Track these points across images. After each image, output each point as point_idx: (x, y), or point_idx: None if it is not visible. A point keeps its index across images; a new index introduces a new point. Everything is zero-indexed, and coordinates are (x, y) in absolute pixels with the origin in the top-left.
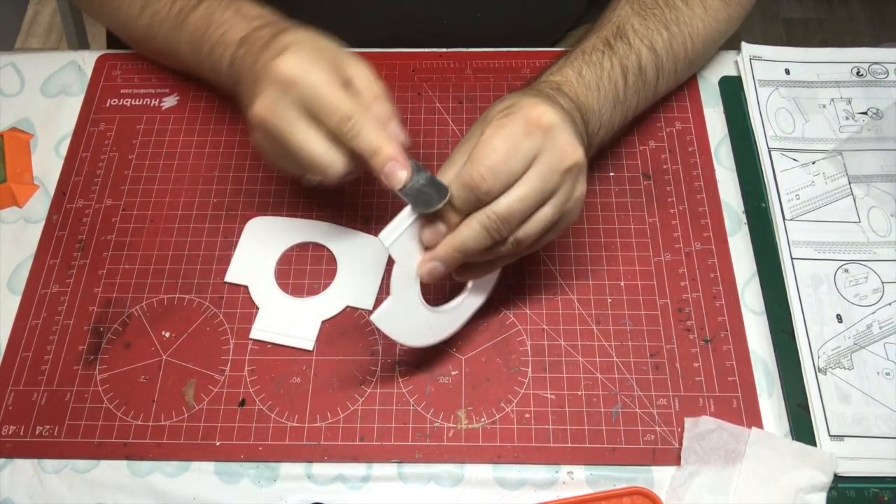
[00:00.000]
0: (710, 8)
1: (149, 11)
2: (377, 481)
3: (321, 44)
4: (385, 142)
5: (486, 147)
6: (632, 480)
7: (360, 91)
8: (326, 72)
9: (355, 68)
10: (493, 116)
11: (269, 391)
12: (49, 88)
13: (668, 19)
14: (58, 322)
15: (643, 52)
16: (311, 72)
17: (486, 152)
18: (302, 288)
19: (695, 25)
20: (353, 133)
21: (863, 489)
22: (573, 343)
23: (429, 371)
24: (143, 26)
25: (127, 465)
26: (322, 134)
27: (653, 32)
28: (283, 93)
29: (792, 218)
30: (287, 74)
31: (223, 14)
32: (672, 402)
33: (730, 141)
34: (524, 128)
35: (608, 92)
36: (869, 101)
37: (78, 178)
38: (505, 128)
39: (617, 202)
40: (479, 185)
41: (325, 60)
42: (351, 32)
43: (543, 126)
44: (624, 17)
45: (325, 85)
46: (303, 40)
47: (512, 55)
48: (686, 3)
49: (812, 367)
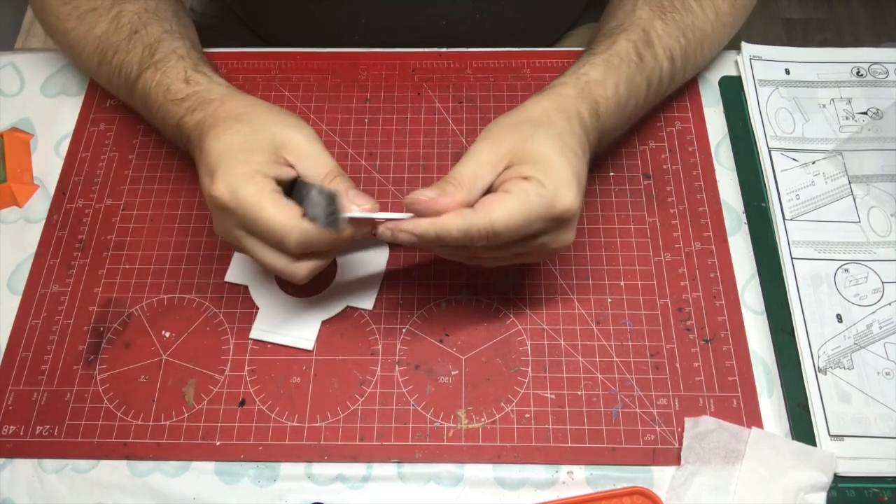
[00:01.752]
0: (721, 12)
1: (104, 70)
2: (377, 481)
3: (249, 143)
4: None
5: (503, 209)
6: (632, 480)
7: (305, 173)
8: (256, 186)
9: (294, 146)
10: (526, 163)
11: (269, 391)
12: (49, 88)
13: (685, 25)
14: (58, 322)
15: (664, 64)
16: (240, 195)
17: (500, 215)
18: (302, 288)
19: (706, 31)
20: (293, 248)
21: (863, 489)
22: (573, 343)
23: (429, 371)
24: (102, 81)
25: (127, 465)
26: None
27: (672, 40)
28: (225, 217)
29: (792, 218)
30: (220, 201)
31: (157, 96)
32: (672, 401)
33: (730, 141)
34: (547, 212)
35: (630, 109)
36: (869, 101)
37: (78, 178)
38: (530, 200)
39: (617, 202)
40: (479, 240)
41: (255, 167)
42: (352, 32)
43: (563, 219)
44: (647, 21)
45: (254, 206)
46: (228, 153)
47: (512, 55)
48: (700, 7)
49: (812, 366)
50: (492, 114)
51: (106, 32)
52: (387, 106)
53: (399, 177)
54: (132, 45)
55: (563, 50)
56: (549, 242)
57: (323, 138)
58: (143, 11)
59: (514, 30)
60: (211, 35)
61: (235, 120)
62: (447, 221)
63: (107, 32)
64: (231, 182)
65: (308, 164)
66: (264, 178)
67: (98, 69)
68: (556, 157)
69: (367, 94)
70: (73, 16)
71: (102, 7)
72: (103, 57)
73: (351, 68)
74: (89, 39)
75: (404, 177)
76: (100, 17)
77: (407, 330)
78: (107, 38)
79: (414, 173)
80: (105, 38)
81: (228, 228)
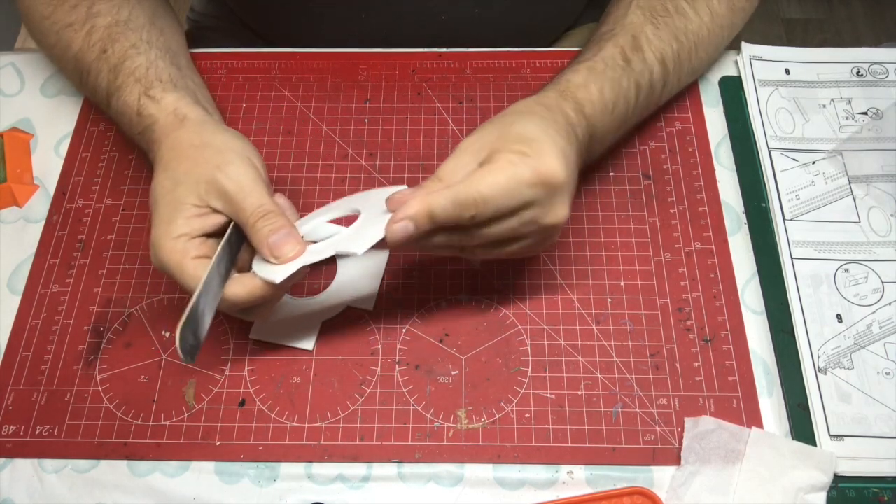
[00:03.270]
0: (717, 15)
1: (85, 90)
2: (377, 481)
3: (171, 199)
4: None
5: (490, 177)
6: (632, 480)
7: (234, 216)
8: (177, 253)
9: (221, 187)
10: (510, 142)
11: (269, 391)
12: (49, 88)
13: (678, 28)
14: (58, 322)
15: (655, 67)
16: (163, 261)
17: (487, 182)
18: (302, 288)
19: (701, 35)
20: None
21: (863, 489)
22: (573, 343)
23: (429, 371)
24: (86, 94)
25: (127, 465)
26: None
27: (664, 44)
28: (157, 264)
29: (792, 218)
30: (152, 248)
31: (122, 125)
32: (672, 401)
33: (730, 141)
34: (533, 177)
35: (620, 113)
36: (869, 101)
37: (78, 178)
38: (515, 167)
39: (617, 202)
40: (468, 209)
41: (178, 229)
42: (352, 28)
43: (551, 184)
44: (638, 26)
45: (177, 272)
46: (155, 208)
47: (512, 55)
48: (695, 10)
49: (812, 366)
50: (492, 114)
51: (81, 50)
52: (387, 106)
53: (399, 177)
54: (100, 67)
55: (563, 50)
56: (542, 216)
57: (323, 138)
58: (114, 24)
59: (514, 28)
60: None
61: (163, 169)
62: (436, 195)
63: (81, 50)
64: (155, 244)
65: (233, 207)
66: (188, 240)
67: (81, 87)
68: (539, 133)
69: (367, 94)
70: (53, 31)
71: (77, 22)
72: (81, 77)
73: (351, 68)
74: (68, 57)
75: (404, 177)
76: (75, 34)
77: (407, 330)
78: (82, 57)
79: (414, 173)
80: (80, 56)
81: (167, 273)
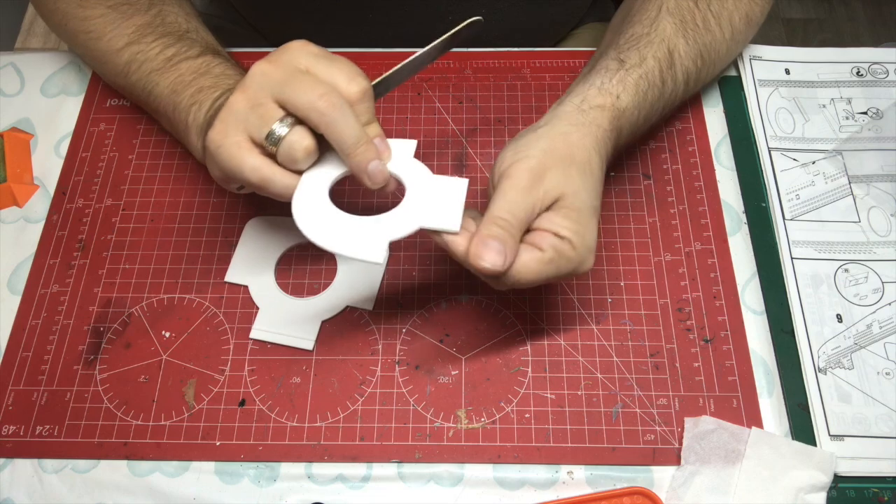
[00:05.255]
0: (736, 31)
1: (132, 49)
2: (377, 481)
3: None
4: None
5: (532, 268)
6: (632, 480)
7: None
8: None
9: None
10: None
11: (269, 391)
12: (49, 88)
13: (704, 45)
14: (58, 322)
15: (680, 88)
16: (224, 143)
17: (528, 274)
18: (302, 288)
19: (720, 52)
20: None
21: (863, 489)
22: (573, 343)
23: (429, 371)
24: (121, 62)
25: (127, 465)
26: None
27: (690, 62)
28: (212, 163)
29: (792, 218)
30: (209, 147)
31: (217, 68)
32: (672, 401)
33: (730, 141)
34: (571, 273)
35: (643, 128)
36: (869, 101)
37: (78, 178)
38: (559, 265)
39: (617, 202)
40: (503, 284)
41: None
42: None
43: (582, 271)
44: (671, 37)
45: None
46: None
47: (512, 55)
48: (719, 26)
49: (812, 366)
50: (491, 114)
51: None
52: (387, 106)
53: None
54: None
55: (563, 50)
56: (575, 272)
57: None
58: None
59: (521, 29)
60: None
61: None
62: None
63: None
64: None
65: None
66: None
67: (125, 48)
68: (589, 219)
69: None
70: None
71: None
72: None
73: None
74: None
75: None
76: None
77: (407, 330)
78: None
79: None
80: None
81: (216, 173)
